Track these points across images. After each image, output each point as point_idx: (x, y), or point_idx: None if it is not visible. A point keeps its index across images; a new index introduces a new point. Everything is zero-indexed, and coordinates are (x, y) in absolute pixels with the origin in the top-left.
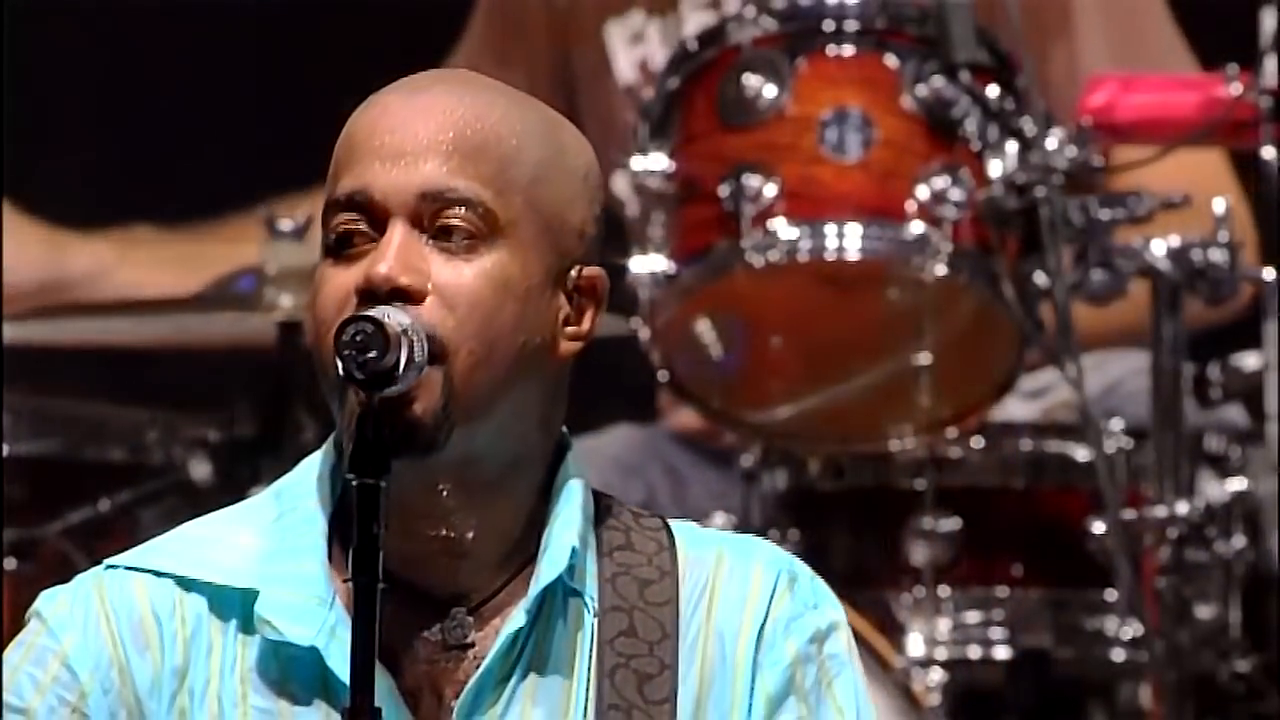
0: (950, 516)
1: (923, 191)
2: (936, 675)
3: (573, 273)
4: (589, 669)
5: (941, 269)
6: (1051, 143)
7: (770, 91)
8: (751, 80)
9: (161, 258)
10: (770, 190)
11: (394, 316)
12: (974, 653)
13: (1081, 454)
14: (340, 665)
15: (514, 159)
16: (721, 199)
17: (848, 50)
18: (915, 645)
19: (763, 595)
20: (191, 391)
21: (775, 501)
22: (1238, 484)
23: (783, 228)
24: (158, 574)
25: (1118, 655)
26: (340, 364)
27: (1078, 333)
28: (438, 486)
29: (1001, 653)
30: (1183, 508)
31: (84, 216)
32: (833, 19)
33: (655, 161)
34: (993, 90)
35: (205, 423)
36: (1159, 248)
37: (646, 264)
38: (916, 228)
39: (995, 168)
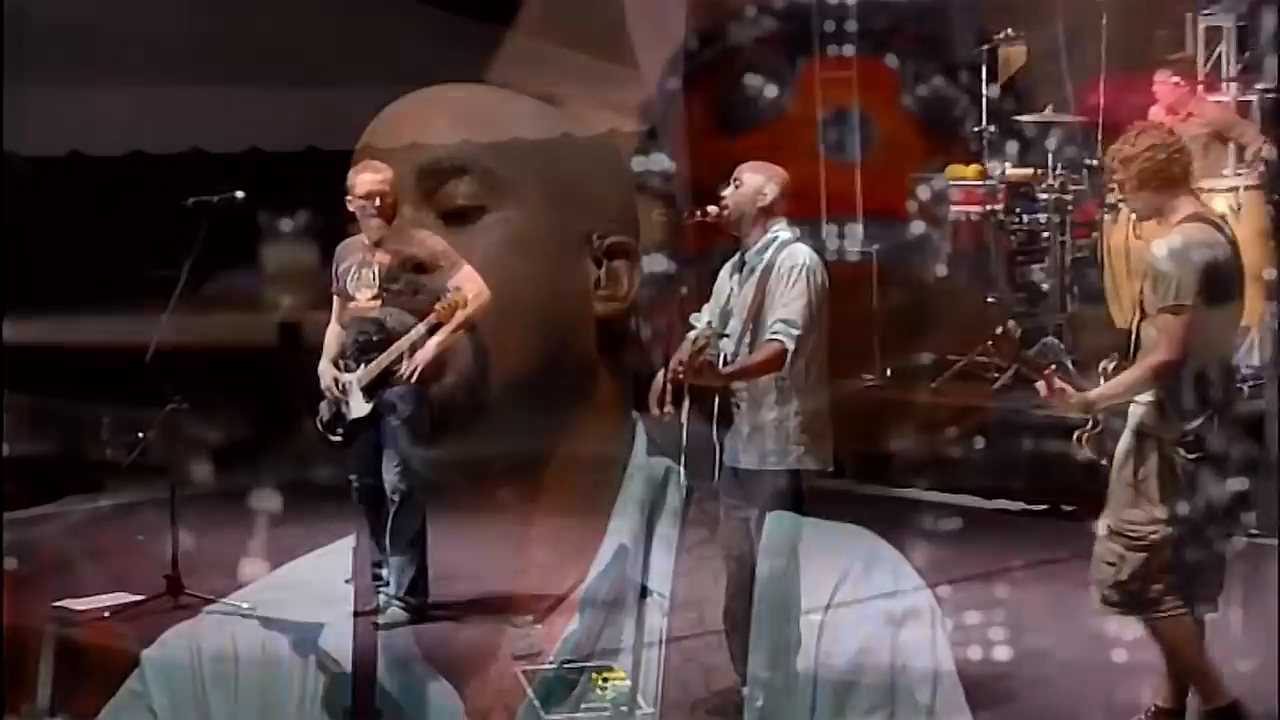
0: (950, 516)
1: (923, 191)
2: None
3: (595, 239)
4: (657, 665)
5: (941, 269)
6: (1051, 143)
7: (770, 92)
8: (752, 80)
9: None
10: (771, 190)
11: (395, 317)
12: (974, 653)
13: (1081, 454)
14: (394, 684)
15: (513, 126)
16: (722, 199)
17: (848, 50)
18: None
19: (829, 582)
20: (191, 391)
21: None
22: (1238, 484)
23: (783, 228)
24: (246, 614)
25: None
26: (343, 364)
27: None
28: (492, 475)
29: (1001, 653)
30: (1183, 508)
31: None
32: (833, 19)
33: (655, 162)
34: (993, 90)
35: (205, 423)
36: (1159, 248)
37: (647, 264)
38: (916, 228)
39: (995, 168)
